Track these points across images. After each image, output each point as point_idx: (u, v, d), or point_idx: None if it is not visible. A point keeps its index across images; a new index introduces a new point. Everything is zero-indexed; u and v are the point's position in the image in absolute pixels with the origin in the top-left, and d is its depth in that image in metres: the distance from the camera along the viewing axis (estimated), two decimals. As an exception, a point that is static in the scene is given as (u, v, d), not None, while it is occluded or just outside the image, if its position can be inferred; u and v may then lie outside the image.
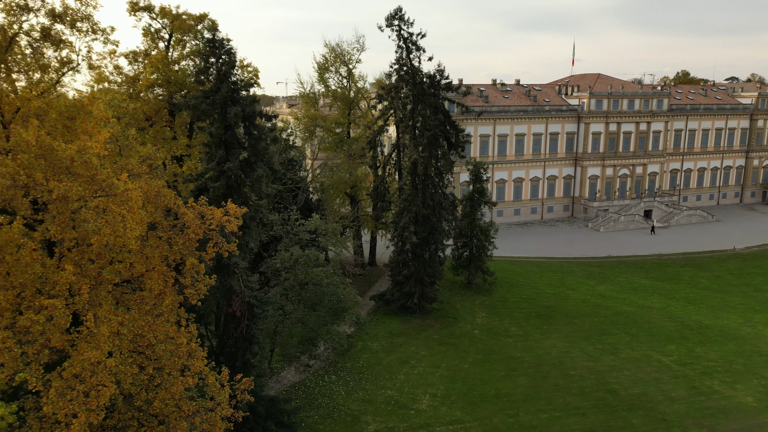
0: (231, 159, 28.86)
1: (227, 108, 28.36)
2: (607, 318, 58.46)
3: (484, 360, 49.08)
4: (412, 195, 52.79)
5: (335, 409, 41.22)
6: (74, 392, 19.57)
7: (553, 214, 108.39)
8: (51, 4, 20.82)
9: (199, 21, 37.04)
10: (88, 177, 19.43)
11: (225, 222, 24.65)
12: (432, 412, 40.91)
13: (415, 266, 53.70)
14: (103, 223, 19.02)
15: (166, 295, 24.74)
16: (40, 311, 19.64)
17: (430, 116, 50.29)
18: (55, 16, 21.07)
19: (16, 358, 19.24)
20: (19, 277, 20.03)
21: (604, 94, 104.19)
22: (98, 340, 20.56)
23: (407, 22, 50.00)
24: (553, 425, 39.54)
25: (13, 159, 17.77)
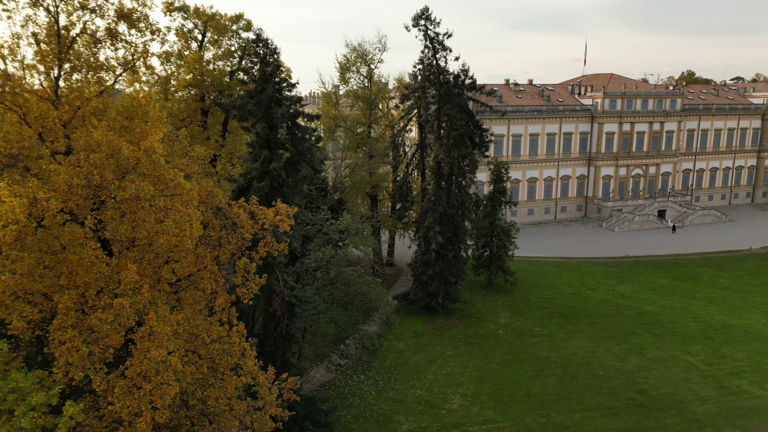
0: (275, 159, 28.90)
1: (272, 108, 28.41)
2: (630, 318, 58.42)
3: (511, 360, 49.08)
4: (437, 195, 52.81)
5: (367, 408, 41.26)
6: (141, 391, 19.62)
7: (566, 214, 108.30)
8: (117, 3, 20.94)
9: (234, 21, 37.11)
10: (154, 177, 19.50)
11: (278, 222, 24.71)
12: (464, 412, 40.94)
13: (439, 266, 53.74)
14: (171, 223, 19.08)
15: (218, 295, 24.82)
16: (104, 310, 19.70)
17: (456, 116, 50.31)
18: (121, 17, 21.17)
19: (84, 358, 19.31)
20: (83, 277, 20.12)
21: (618, 94, 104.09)
22: (161, 339, 20.63)
23: (434, 22, 50.06)
24: (585, 425, 39.55)
25: (85, 159, 17.82)
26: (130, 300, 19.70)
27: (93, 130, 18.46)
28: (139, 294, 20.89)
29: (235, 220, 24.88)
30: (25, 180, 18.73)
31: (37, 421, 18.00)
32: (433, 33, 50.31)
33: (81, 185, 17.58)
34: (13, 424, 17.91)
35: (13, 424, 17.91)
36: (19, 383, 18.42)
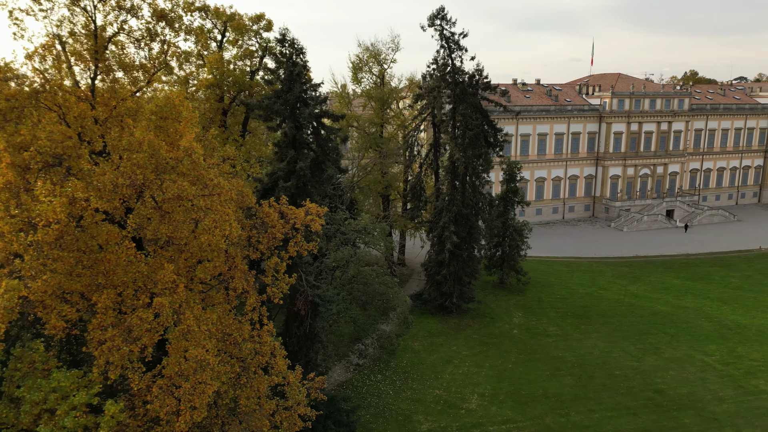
0: (302, 159, 28.94)
1: (300, 108, 28.45)
2: (644, 318, 58.40)
3: (527, 360, 49.08)
4: (451, 195, 52.82)
5: (385, 408, 41.28)
6: (180, 390, 19.66)
7: (574, 213, 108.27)
8: (153, 3, 20.97)
9: (255, 21, 37.13)
10: (193, 176, 19.53)
11: (309, 221, 24.73)
12: (483, 412, 40.95)
13: (454, 266, 53.75)
14: (210, 222, 19.11)
15: (249, 294, 24.85)
16: (143, 309, 19.74)
17: (471, 116, 50.33)
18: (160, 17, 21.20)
19: (124, 357, 19.35)
20: (121, 276, 20.17)
21: (626, 94, 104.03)
22: (198, 338, 20.67)
23: (449, 22, 50.07)
24: (605, 425, 39.54)
25: (127, 158, 17.85)
26: (169, 299, 19.74)
27: (134, 129, 18.48)
28: (175, 293, 20.96)
29: (265, 219, 24.91)
30: (65, 180, 18.75)
31: (80, 421, 18.03)
32: (448, 33, 50.34)
33: (126, 185, 17.60)
34: (56, 423, 17.94)
35: (56, 423, 17.94)
36: (60, 382, 18.45)
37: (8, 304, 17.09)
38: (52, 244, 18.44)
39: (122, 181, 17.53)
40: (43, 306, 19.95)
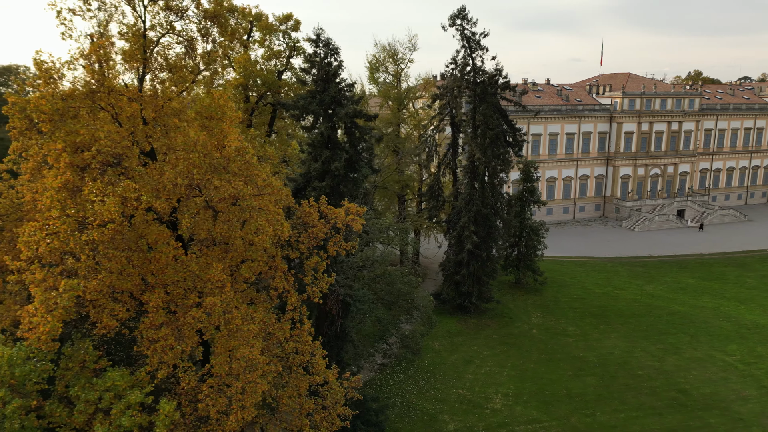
0: (336, 159, 28.96)
1: (336, 108, 28.47)
2: (662, 318, 58.34)
3: (548, 360, 49.06)
4: (471, 194, 52.81)
5: (410, 407, 41.30)
6: (232, 389, 19.70)
7: (584, 213, 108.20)
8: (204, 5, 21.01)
9: (283, 21, 37.16)
10: (245, 176, 19.56)
11: (350, 221, 24.74)
12: (508, 412, 40.94)
13: (473, 266, 53.73)
14: (264, 222, 19.14)
15: (289, 294, 24.90)
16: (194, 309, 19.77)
17: (492, 116, 50.31)
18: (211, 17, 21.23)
19: (177, 356, 19.39)
20: (171, 275, 20.20)
21: (637, 94, 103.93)
22: (246, 338, 20.71)
23: (470, 22, 50.06)
24: (631, 425, 39.51)
25: (185, 158, 17.88)
26: (220, 298, 19.77)
27: (188, 129, 18.52)
28: (222, 293, 21.00)
29: (306, 219, 24.94)
30: (117, 180, 18.78)
31: (136, 420, 18.06)
32: (469, 32, 50.32)
33: (184, 185, 17.63)
34: (112, 422, 17.98)
35: (112, 422, 17.98)
36: (115, 381, 18.49)
37: (67, 304, 17.13)
38: (107, 244, 18.48)
39: (181, 181, 17.55)
40: (93, 305, 20.01)
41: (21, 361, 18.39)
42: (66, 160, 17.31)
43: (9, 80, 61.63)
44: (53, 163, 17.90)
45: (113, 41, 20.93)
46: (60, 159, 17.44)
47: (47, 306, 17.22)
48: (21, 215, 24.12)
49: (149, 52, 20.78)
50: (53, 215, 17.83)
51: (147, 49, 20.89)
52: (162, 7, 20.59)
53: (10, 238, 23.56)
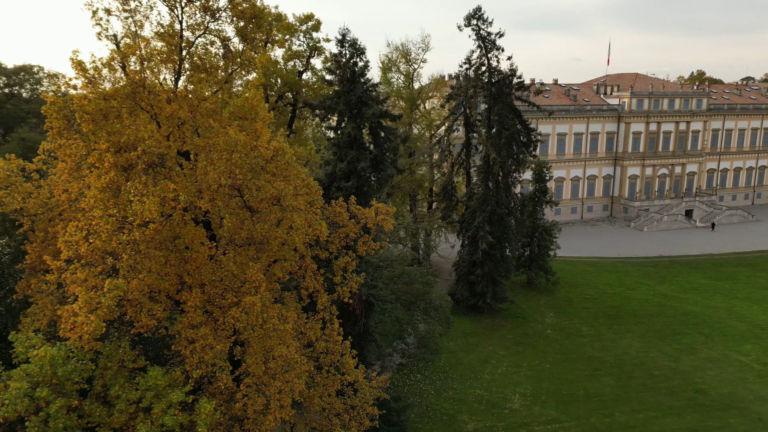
0: (362, 159, 28.99)
1: (362, 108, 28.50)
2: (676, 318, 58.32)
3: (564, 360, 49.06)
4: (485, 194, 52.81)
5: (429, 407, 41.31)
6: (271, 388, 19.73)
7: (592, 213, 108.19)
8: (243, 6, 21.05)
9: (304, 21, 37.18)
10: (283, 176, 19.59)
11: (381, 221, 24.76)
12: (526, 412, 40.94)
13: (488, 266, 53.74)
14: (302, 222, 19.17)
15: (319, 294, 24.92)
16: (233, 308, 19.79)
17: (507, 116, 50.32)
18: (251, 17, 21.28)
19: (217, 355, 19.42)
20: (208, 275, 20.23)
21: (645, 94, 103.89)
22: (283, 337, 20.74)
23: (486, 22, 50.07)
24: (651, 425, 39.50)
25: (228, 158, 17.91)
26: (259, 298, 19.79)
27: (228, 129, 18.57)
28: (258, 293, 21.02)
29: (336, 219, 24.97)
30: (157, 179, 18.81)
31: (178, 419, 18.09)
32: (485, 32, 50.33)
33: (228, 185, 17.67)
34: (154, 420, 18.01)
35: (154, 420, 18.01)
36: (157, 381, 18.52)
37: (111, 303, 17.17)
38: (149, 244, 18.52)
39: (225, 181, 17.58)
40: (130, 305, 20.04)
41: (62, 361, 18.43)
42: (110, 160, 17.34)
43: (24, 80, 61.80)
44: (96, 163, 17.93)
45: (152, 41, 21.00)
46: (104, 159, 17.47)
47: (90, 305, 17.25)
48: (53, 215, 24.15)
49: (185, 53, 20.82)
50: (95, 215, 17.86)
51: (183, 49, 20.93)
52: (199, 8, 20.61)
53: (43, 237, 23.59)
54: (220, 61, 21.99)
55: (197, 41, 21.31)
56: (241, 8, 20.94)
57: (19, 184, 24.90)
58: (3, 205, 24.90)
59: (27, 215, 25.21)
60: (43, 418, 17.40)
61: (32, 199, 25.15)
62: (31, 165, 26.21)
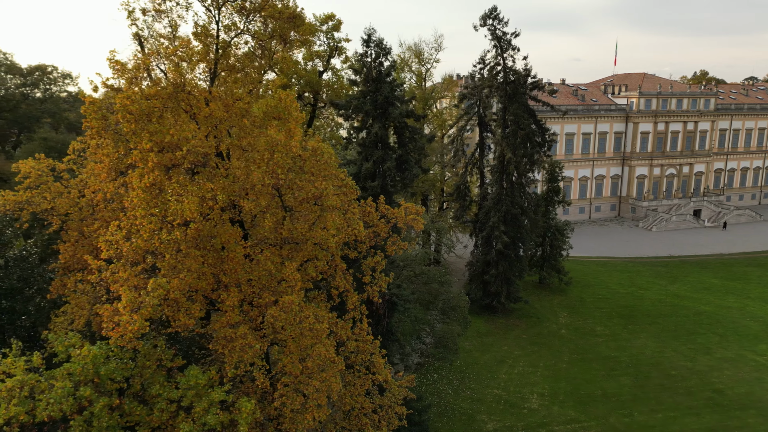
0: (387, 159, 29.02)
1: (389, 108, 28.53)
2: (689, 318, 58.29)
3: (579, 360, 49.06)
4: (500, 194, 52.83)
5: (447, 407, 41.33)
6: (309, 387, 19.75)
7: (600, 213, 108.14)
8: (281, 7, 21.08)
9: (325, 21, 37.20)
10: (322, 176, 19.62)
11: (411, 221, 24.77)
12: (545, 412, 40.94)
13: (502, 266, 53.75)
14: (342, 221, 19.20)
15: (349, 293, 24.94)
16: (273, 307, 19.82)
17: (523, 115, 50.34)
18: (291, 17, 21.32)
19: (256, 354, 19.46)
20: (246, 275, 20.26)
21: (654, 94, 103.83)
22: (319, 336, 20.76)
23: (502, 21, 50.07)
24: (670, 425, 39.49)
25: (269, 158, 17.93)
26: (296, 297, 19.82)
27: (273, 131, 18.61)
28: (294, 292, 21.05)
29: (366, 219, 24.98)
30: (200, 179, 18.85)
31: (219, 418, 18.12)
32: (500, 32, 50.34)
33: (271, 184, 17.70)
34: (196, 420, 18.04)
35: (196, 420, 18.04)
36: (197, 380, 18.55)
37: (155, 302, 17.20)
38: (189, 243, 18.56)
39: (268, 181, 17.62)
40: (167, 304, 20.07)
41: (103, 360, 18.47)
42: (153, 159, 17.38)
43: (39, 80, 61.90)
44: (138, 163, 17.97)
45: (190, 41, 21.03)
46: (147, 159, 17.51)
47: (134, 305, 17.29)
48: (85, 215, 24.21)
49: (221, 52, 20.87)
50: (137, 214, 17.91)
51: (220, 49, 20.97)
52: (235, 8, 20.66)
53: (77, 237, 23.64)
54: (254, 62, 21.98)
55: (233, 41, 21.31)
56: (278, 8, 20.96)
57: (51, 183, 24.97)
58: (33, 205, 24.99)
59: (57, 215, 25.30)
60: (87, 418, 17.45)
61: (62, 199, 25.22)
62: (61, 165, 26.31)
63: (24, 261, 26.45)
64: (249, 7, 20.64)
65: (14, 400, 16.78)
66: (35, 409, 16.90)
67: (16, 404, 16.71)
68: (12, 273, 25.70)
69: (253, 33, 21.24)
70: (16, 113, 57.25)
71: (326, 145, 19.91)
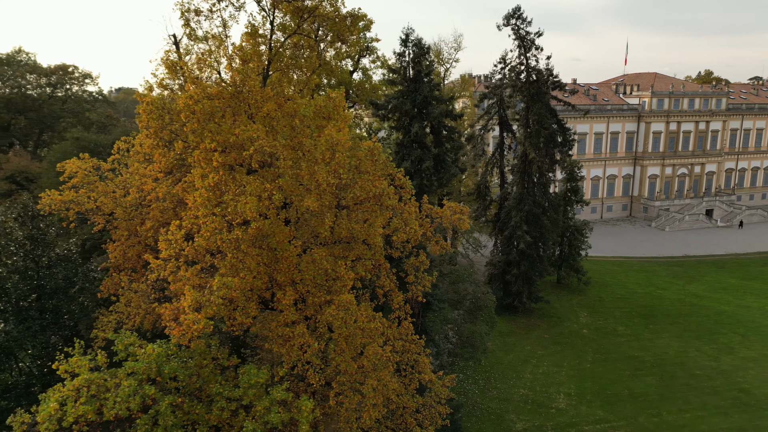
0: (426, 158, 29.06)
1: (428, 107, 28.57)
2: (710, 318, 58.24)
3: (603, 359, 49.05)
4: (522, 194, 52.84)
5: (475, 407, 41.34)
6: (366, 386, 19.79)
7: (612, 213, 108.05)
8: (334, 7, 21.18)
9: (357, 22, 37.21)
10: (377, 175, 19.66)
11: (456, 221, 24.80)
12: (573, 411, 40.95)
13: (524, 266, 53.75)
14: (399, 221, 19.25)
15: (394, 293, 24.98)
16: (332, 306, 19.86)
17: (546, 115, 50.35)
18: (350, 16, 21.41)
19: (315, 353, 19.51)
20: (300, 274, 20.31)
21: (666, 93, 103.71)
22: (373, 336, 20.81)
23: (525, 21, 50.08)
24: (699, 424, 39.48)
25: (330, 158, 17.99)
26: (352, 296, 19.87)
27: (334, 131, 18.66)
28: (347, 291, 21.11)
29: (410, 218, 24.99)
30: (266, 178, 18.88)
31: (282, 416, 18.18)
32: (524, 32, 50.35)
33: (335, 184, 17.76)
34: (258, 418, 18.10)
35: (258, 418, 18.10)
36: (258, 378, 18.61)
37: (219, 301, 17.27)
38: (249, 242, 18.62)
39: (333, 181, 17.68)
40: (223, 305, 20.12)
41: (165, 359, 18.56)
42: (218, 159, 17.43)
43: (63, 79, 62.02)
44: (201, 163, 18.02)
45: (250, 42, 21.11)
46: (212, 158, 17.57)
47: (198, 304, 17.35)
48: (134, 214, 24.29)
49: (277, 53, 20.93)
50: (199, 214, 17.97)
51: (273, 48, 21.04)
52: (290, 9, 20.72)
53: (127, 236, 23.71)
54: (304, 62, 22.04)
55: (285, 41, 21.38)
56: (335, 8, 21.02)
57: (97, 183, 25.06)
58: (78, 205, 25.08)
59: (101, 214, 25.39)
60: (153, 416, 17.52)
61: (107, 198, 25.30)
62: (105, 164, 26.41)
63: (68, 260, 26.53)
64: (303, 8, 20.67)
65: (82, 399, 16.88)
66: (102, 407, 16.98)
67: (84, 403, 16.80)
68: (57, 273, 25.79)
69: (307, 33, 21.29)
70: (40, 113, 57.43)
71: (380, 145, 19.93)
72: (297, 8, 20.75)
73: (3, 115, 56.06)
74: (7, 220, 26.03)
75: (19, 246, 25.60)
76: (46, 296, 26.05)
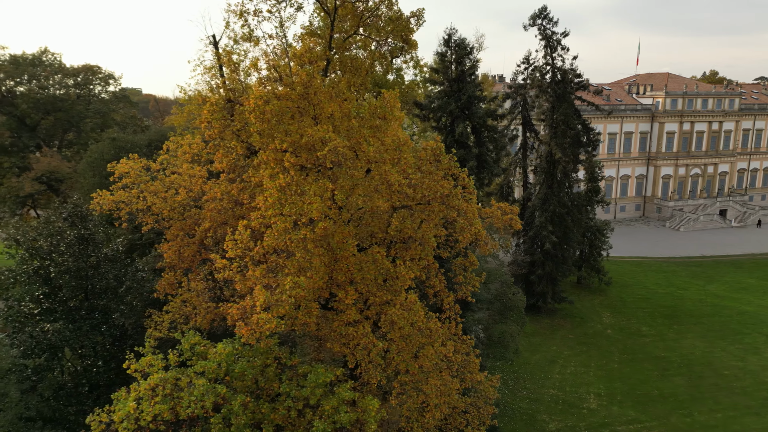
0: (469, 159, 29.11)
1: (471, 107, 28.63)
2: (733, 318, 58.19)
3: (630, 360, 49.03)
4: (547, 194, 52.85)
5: (506, 407, 41.35)
6: (429, 386, 19.84)
7: (625, 213, 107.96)
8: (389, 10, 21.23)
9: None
10: (440, 175, 19.71)
11: (508, 221, 24.82)
12: (605, 412, 40.95)
13: (549, 266, 53.77)
14: (463, 221, 19.30)
15: (443, 293, 25.04)
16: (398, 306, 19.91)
17: (571, 115, 50.37)
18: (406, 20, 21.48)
19: (379, 353, 19.56)
20: (362, 273, 20.37)
21: (679, 94, 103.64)
22: (434, 336, 20.86)
23: (552, 21, 50.10)
24: (732, 424, 39.46)
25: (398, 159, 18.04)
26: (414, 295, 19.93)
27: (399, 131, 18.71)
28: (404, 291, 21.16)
29: (460, 218, 25.03)
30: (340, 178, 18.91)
31: (350, 416, 18.23)
32: (550, 32, 50.38)
33: (406, 184, 17.82)
34: (326, 417, 18.15)
35: (326, 417, 18.15)
36: (326, 377, 18.66)
37: (291, 301, 17.32)
38: (316, 242, 18.68)
39: (405, 181, 17.74)
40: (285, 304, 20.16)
41: (234, 359, 18.63)
42: (290, 160, 17.50)
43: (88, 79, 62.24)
44: (271, 163, 18.09)
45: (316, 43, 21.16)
46: (283, 159, 17.63)
47: (268, 303, 17.40)
48: (186, 214, 24.37)
49: (337, 52, 20.99)
50: (268, 214, 18.03)
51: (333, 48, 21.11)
52: (350, 10, 20.79)
53: (182, 236, 23.79)
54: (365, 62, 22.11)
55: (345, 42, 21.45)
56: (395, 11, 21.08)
57: (150, 183, 25.14)
58: (129, 205, 25.17)
59: (151, 214, 25.47)
60: (225, 415, 17.59)
61: (157, 198, 25.37)
62: (154, 165, 26.49)
63: (117, 260, 26.64)
64: (365, 9, 20.74)
65: (157, 398, 16.96)
66: (176, 406, 17.05)
67: (160, 402, 16.88)
68: (107, 272, 25.88)
69: (368, 34, 21.35)
70: (69, 113, 57.71)
71: (442, 145, 19.97)
72: (357, 10, 20.81)
73: (33, 116, 56.54)
74: (57, 221, 26.15)
75: (68, 246, 25.70)
76: (96, 296, 26.16)
